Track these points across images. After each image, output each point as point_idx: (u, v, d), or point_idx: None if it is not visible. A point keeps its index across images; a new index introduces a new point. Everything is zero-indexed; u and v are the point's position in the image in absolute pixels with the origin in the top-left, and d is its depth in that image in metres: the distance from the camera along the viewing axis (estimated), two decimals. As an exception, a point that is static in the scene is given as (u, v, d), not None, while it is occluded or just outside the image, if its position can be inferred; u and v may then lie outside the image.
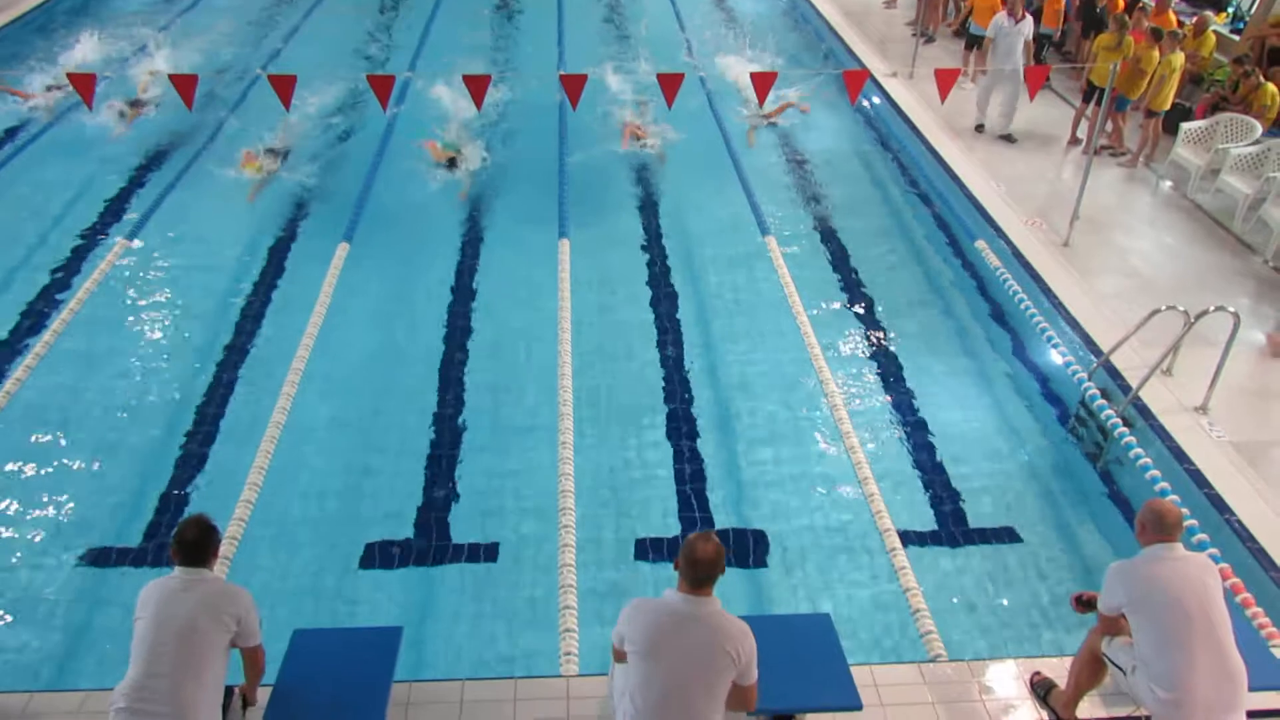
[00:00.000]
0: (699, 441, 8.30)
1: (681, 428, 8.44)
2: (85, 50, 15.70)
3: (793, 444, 8.33)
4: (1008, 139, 13.61)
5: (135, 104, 13.99)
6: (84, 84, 9.66)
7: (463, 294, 10.23)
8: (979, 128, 13.88)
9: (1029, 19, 13.55)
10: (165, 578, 4.57)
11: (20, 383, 8.12)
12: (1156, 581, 4.57)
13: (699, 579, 4.28)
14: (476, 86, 9.84)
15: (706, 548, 4.29)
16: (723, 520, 7.51)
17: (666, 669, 4.22)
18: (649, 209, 12.17)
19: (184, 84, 9.60)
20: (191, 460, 7.93)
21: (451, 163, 12.65)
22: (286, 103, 9.61)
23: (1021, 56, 13.42)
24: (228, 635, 4.51)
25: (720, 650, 4.23)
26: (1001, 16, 13.51)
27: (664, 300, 10.26)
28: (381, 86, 9.97)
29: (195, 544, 4.56)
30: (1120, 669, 4.82)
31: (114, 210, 11.61)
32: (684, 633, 4.24)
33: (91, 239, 10.93)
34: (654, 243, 11.43)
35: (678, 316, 9.99)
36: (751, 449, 8.26)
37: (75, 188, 12.02)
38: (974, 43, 15.55)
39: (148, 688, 4.32)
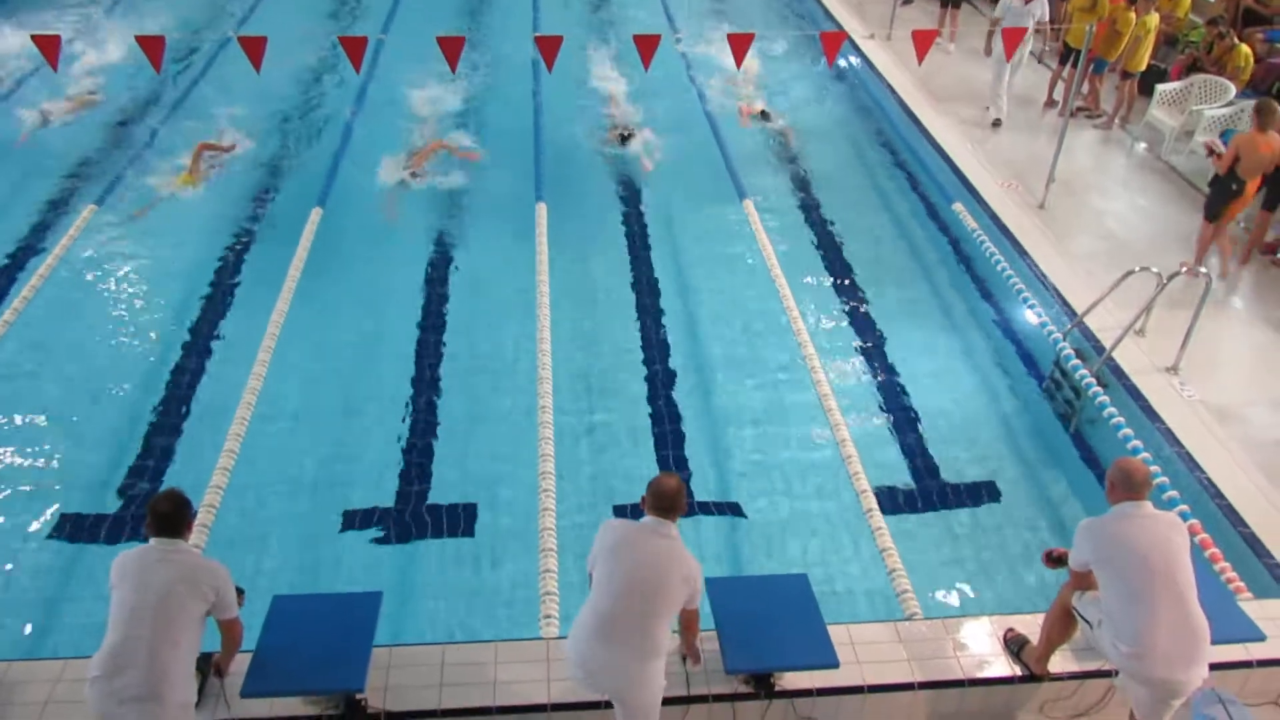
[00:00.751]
0: (676, 405, 8.32)
1: (659, 392, 8.46)
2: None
3: (769, 405, 8.38)
4: (995, 124, 12.99)
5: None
6: (49, 46, 9.47)
7: (439, 272, 10.18)
8: (996, 123, 12.91)
9: (1041, 1, 12.60)
10: (141, 548, 4.56)
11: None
12: (1123, 538, 4.65)
13: (664, 507, 4.68)
14: (450, 49, 9.72)
15: (669, 481, 4.74)
16: (700, 480, 7.56)
17: (628, 567, 4.57)
18: (625, 173, 12.10)
19: (151, 46, 9.42)
20: (167, 428, 7.87)
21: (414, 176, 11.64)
22: (258, 65, 9.45)
23: (1030, 41, 12.51)
24: (205, 606, 4.51)
25: (677, 569, 4.61)
26: (1008, 1, 12.68)
27: (641, 262, 10.23)
28: (354, 49, 9.85)
29: (169, 516, 4.55)
30: (1088, 623, 4.91)
31: (85, 176, 11.45)
32: (648, 543, 4.63)
33: (61, 207, 10.78)
34: (632, 206, 11.38)
35: (655, 278, 9.98)
36: (729, 411, 8.31)
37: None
38: (949, 1, 15.49)
39: (124, 656, 4.32)
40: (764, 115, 13.42)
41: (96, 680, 4.34)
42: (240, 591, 4.82)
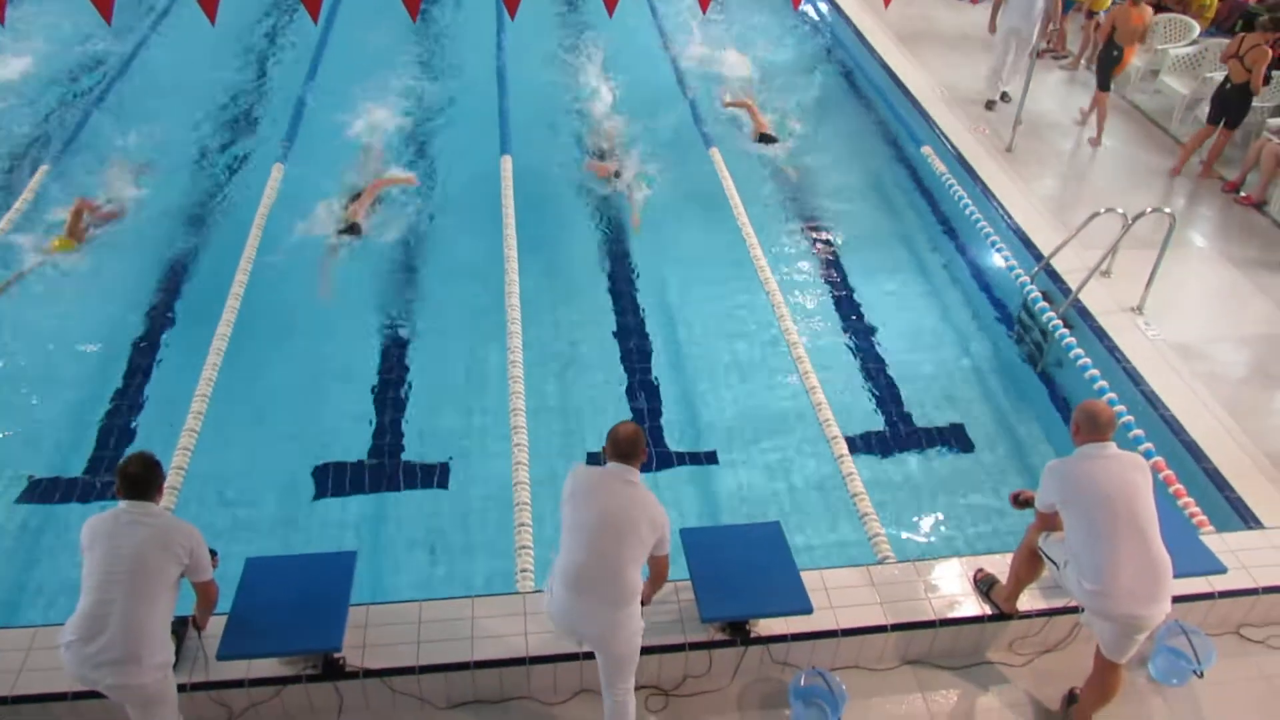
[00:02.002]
0: (647, 354, 8.32)
1: (630, 341, 8.45)
2: None
3: (737, 351, 8.40)
4: (1002, 97, 11.96)
5: None
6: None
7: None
8: (989, 104, 11.90)
9: None
10: (111, 511, 4.49)
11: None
12: (1088, 479, 4.71)
13: (624, 453, 4.69)
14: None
15: (625, 427, 4.75)
16: (673, 431, 7.60)
17: (595, 514, 4.58)
18: (591, 121, 11.97)
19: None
20: (133, 390, 7.78)
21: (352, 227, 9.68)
22: (212, 16, 9.16)
23: (1038, 17, 11.13)
24: (179, 568, 4.47)
25: (643, 513, 4.61)
26: None
27: (608, 211, 10.16)
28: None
29: (139, 478, 4.49)
30: (1054, 563, 4.99)
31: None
32: (613, 489, 4.64)
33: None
34: (596, 156, 11.27)
35: (621, 223, 9.91)
36: (698, 359, 8.32)
37: None
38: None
39: (98, 618, 4.30)
40: (765, 139, 11.61)
41: (71, 644, 4.32)
42: (213, 553, 4.78)
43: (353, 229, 9.59)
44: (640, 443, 4.72)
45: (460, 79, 12.79)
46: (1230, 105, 10.26)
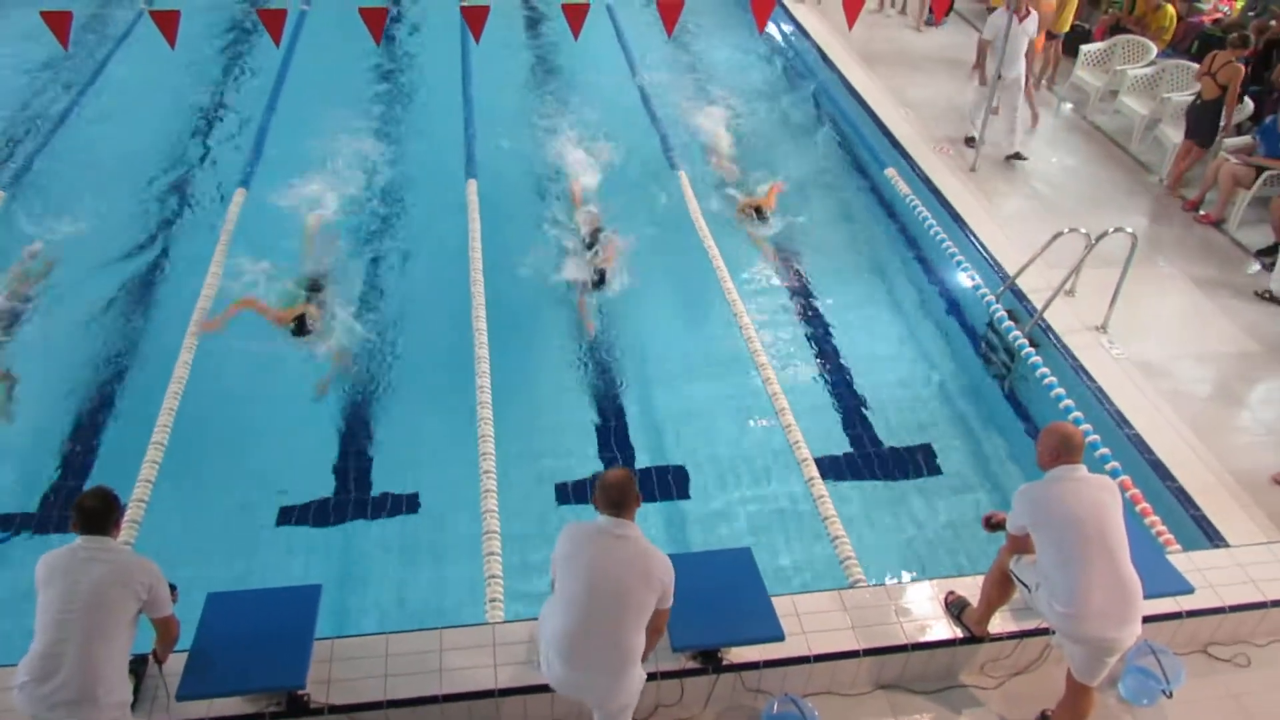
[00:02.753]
0: (619, 384, 8.28)
1: (597, 367, 8.41)
2: None
3: (706, 376, 8.37)
4: (1016, 157, 11.22)
5: None
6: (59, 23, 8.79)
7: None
8: (969, 140, 11.42)
9: (1034, 15, 11.01)
10: (68, 547, 4.39)
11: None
12: (1058, 502, 4.73)
13: (614, 501, 4.45)
14: (373, 20, 9.45)
15: (615, 473, 4.54)
16: (643, 458, 7.54)
17: (588, 580, 4.36)
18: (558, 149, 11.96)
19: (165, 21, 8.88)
20: (92, 423, 7.63)
21: (300, 324, 8.48)
22: (172, 40, 9.09)
23: (1023, 62, 10.92)
24: (137, 605, 4.37)
25: (639, 571, 4.38)
26: (1000, 15, 10.74)
27: (578, 248, 10.13)
28: (273, 21, 9.53)
29: (96, 512, 4.39)
30: (1025, 586, 4.99)
31: None
32: (612, 549, 4.39)
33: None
34: (562, 173, 11.24)
35: (587, 259, 9.88)
36: (666, 384, 8.29)
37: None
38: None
39: (54, 657, 4.19)
40: (759, 212, 10.54)
41: (25, 685, 4.20)
42: (173, 588, 4.68)
43: (300, 325, 8.44)
44: (632, 488, 4.50)
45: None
46: (1201, 122, 10.52)
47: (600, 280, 9.22)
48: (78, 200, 10.11)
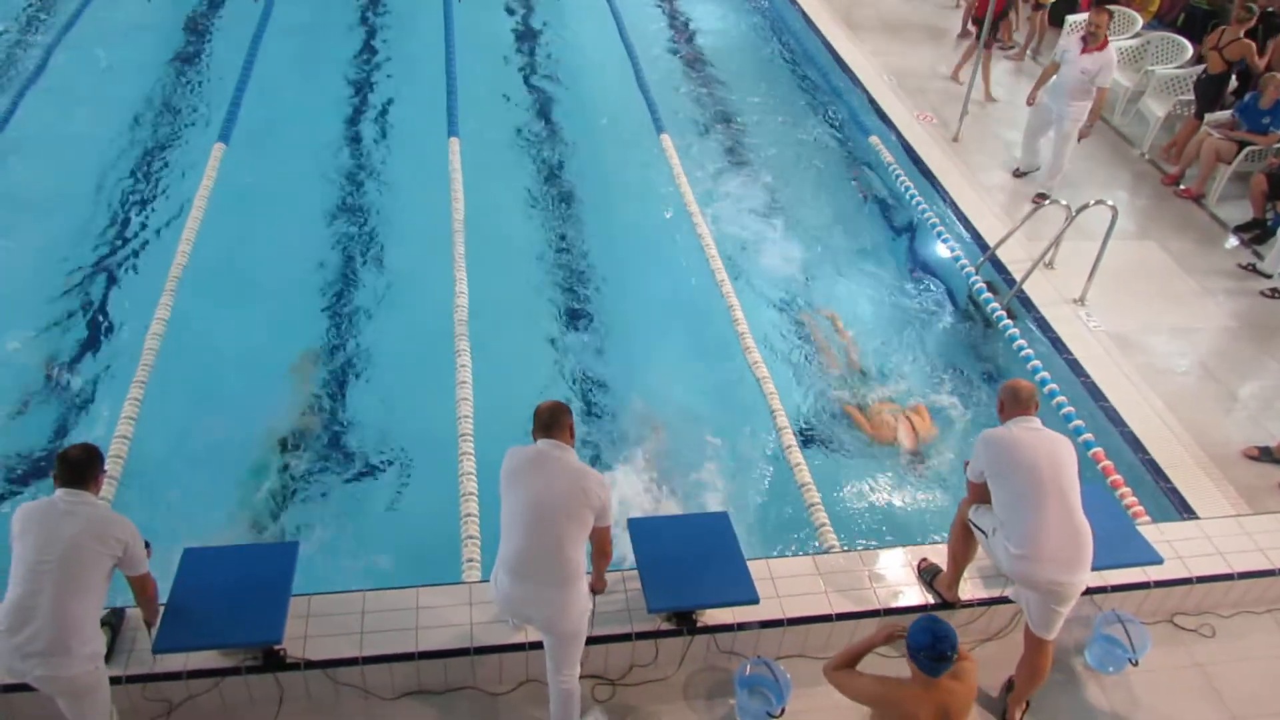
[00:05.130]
0: (598, 343, 8.27)
1: (579, 326, 8.40)
2: None
3: (685, 337, 8.37)
4: (1041, 196, 9.93)
5: None
6: None
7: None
8: (1017, 172, 10.52)
9: (1104, 54, 9.27)
10: (46, 500, 4.39)
11: None
12: (1014, 448, 4.86)
13: (545, 424, 4.67)
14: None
15: (546, 402, 4.77)
16: (625, 424, 7.52)
17: (529, 494, 4.51)
18: (542, 111, 11.85)
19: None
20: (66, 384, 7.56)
21: None
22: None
23: (1075, 101, 9.46)
24: (112, 560, 4.37)
25: (576, 482, 4.54)
26: (1067, 40, 9.95)
27: (558, 199, 10.06)
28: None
29: (79, 464, 4.39)
30: (982, 531, 5.09)
31: None
32: (545, 464, 4.59)
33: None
34: (548, 143, 11.14)
35: (573, 214, 9.82)
36: (647, 343, 8.28)
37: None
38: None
39: (28, 610, 4.18)
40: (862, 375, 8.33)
41: (1, 634, 4.20)
42: (147, 545, 4.66)
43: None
44: (561, 414, 4.69)
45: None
46: (1207, 96, 10.63)
47: None
48: (49, 154, 9.94)
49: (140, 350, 7.32)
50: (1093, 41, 9.25)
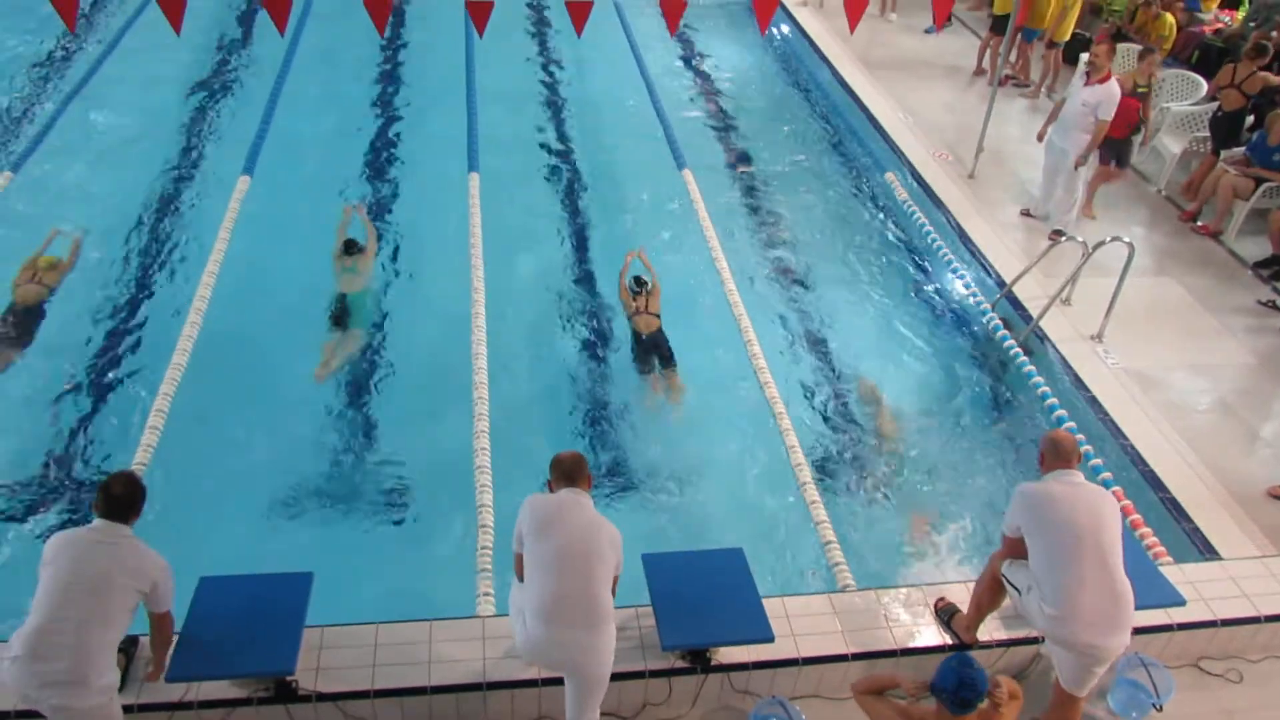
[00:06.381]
0: (613, 380, 8.26)
1: (598, 366, 8.40)
2: None
3: (704, 377, 8.34)
4: (1058, 233, 9.59)
5: None
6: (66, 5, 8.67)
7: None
8: (1025, 212, 10.41)
9: (1106, 87, 9.21)
10: (81, 530, 4.43)
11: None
12: (1053, 502, 4.75)
13: (567, 474, 4.79)
14: (378, 11, 9.42)
15: (565, 453, 4.89)
16: (640, 460, 7.50)
17: (561, 541, 4.57)
18: (563, 147, 11.94)
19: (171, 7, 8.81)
20: (89, 407, 7.61)
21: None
22: (177, 26, 9.06)
23: (1079, 134, 9.40)
24: (139, 595, 4.38)
25: (604, 534, 4.65)
26: (1078, 77, 10.17)
27: (579, 234, 10.11)
28: (278, 9, 9.49)
29: (122, 500, 4.44)
30: (1016, 589, 5.00)
31: None
32: (572, 513, 4.66)
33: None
34: (571, 187, 11.21)
35: (588, 253, 9.86)
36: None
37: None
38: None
39: (50, 638, 4.18)
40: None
41: (18, 660, 4.18)
42: None
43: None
44: (583, 464, 4.83)
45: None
46: (1220, 132, 10.65)
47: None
48: (78, 184, 10.06)
49: (160, 380, 7.39)
50: (1095, 73, 9.31)
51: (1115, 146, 9.94)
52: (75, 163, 10.57)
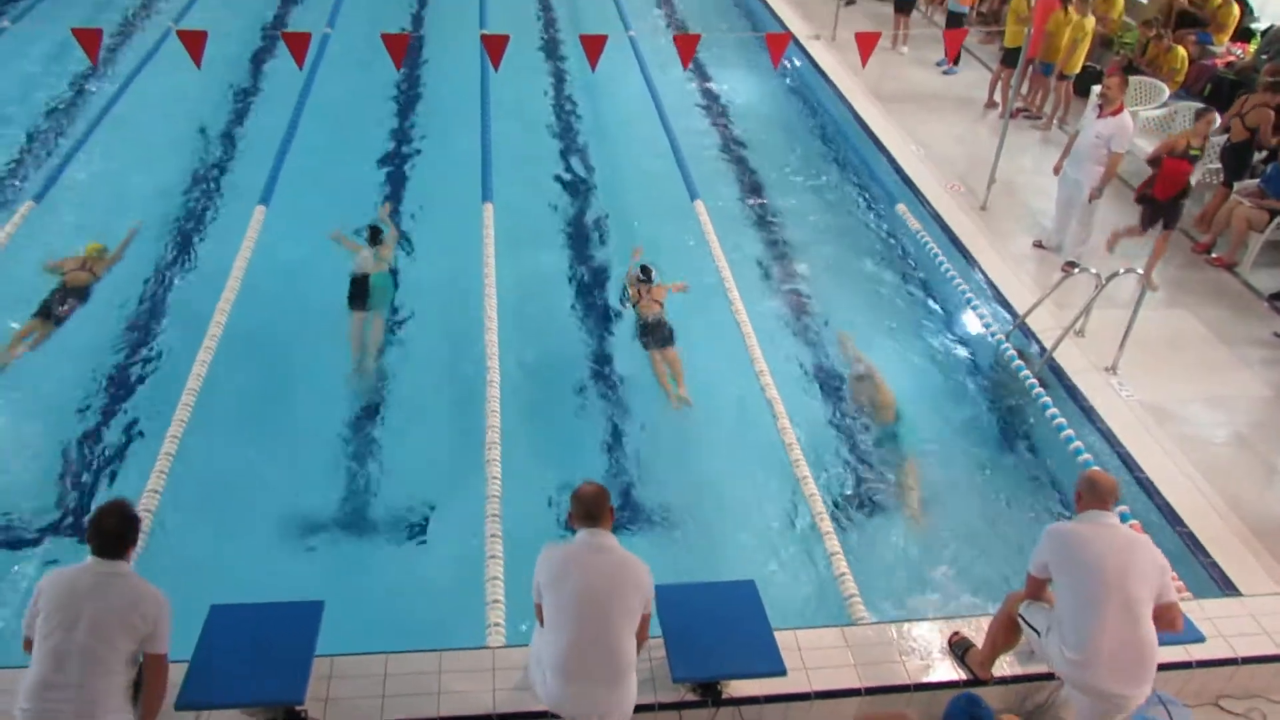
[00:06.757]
0: (625, 410, 8.26)
1: (609, 397, 8.40)
2: None
3: (716, 407, 8.34)
4: (1070, 265, 9.60)
5: None
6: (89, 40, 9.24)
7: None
8: (1038, 243, 10.42)
9: (1118, 120, 9.32)
10: (77, 568, 4.29)
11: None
12: (1082, 543, 4.68)
13: (589, 513, 4.61)
14: (395, 46, 9.57)
15: (588, 487, 4.70)
16: (652, 491, 7.48)
17: (578, 593, 4.46)
18: (576, 177, 12.02)
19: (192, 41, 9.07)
20: (103, 431, 7.66)
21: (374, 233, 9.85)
22: (198, 60, 9.23)
23: (1093, 166, 9.50)
24: (138, 639, 4.26)
25: (627, 579, 4.53)
26: (1091, 110, 10.14)
27: (591, 267, 10.15)
28: (297, 44, 9.66)
29: (114, 535, 4.28)
30: (1035, 630, 4.93)
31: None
32: (595, 562, 4.54)
33: None
34: (583, 218, 11.28)
35: (604, 290, 9.89)
36: (678, 417, 8.24)
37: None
38: (901, 6, 15.65)
39: (54, 687, 4.11)
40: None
41: (26, 712, 4.13)
42: None
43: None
44: (605, 501, 4.66)
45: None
46: (1228, 164, 10.60)
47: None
48: (98, 217, 10.19)
49: (176, 404, 7.40)
50: (1107, 106, 9.37)
51: (1163, 210, 9.31)
52: (96, 193, 10.69)
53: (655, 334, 8.92)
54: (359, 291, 9.12)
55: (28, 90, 13.01)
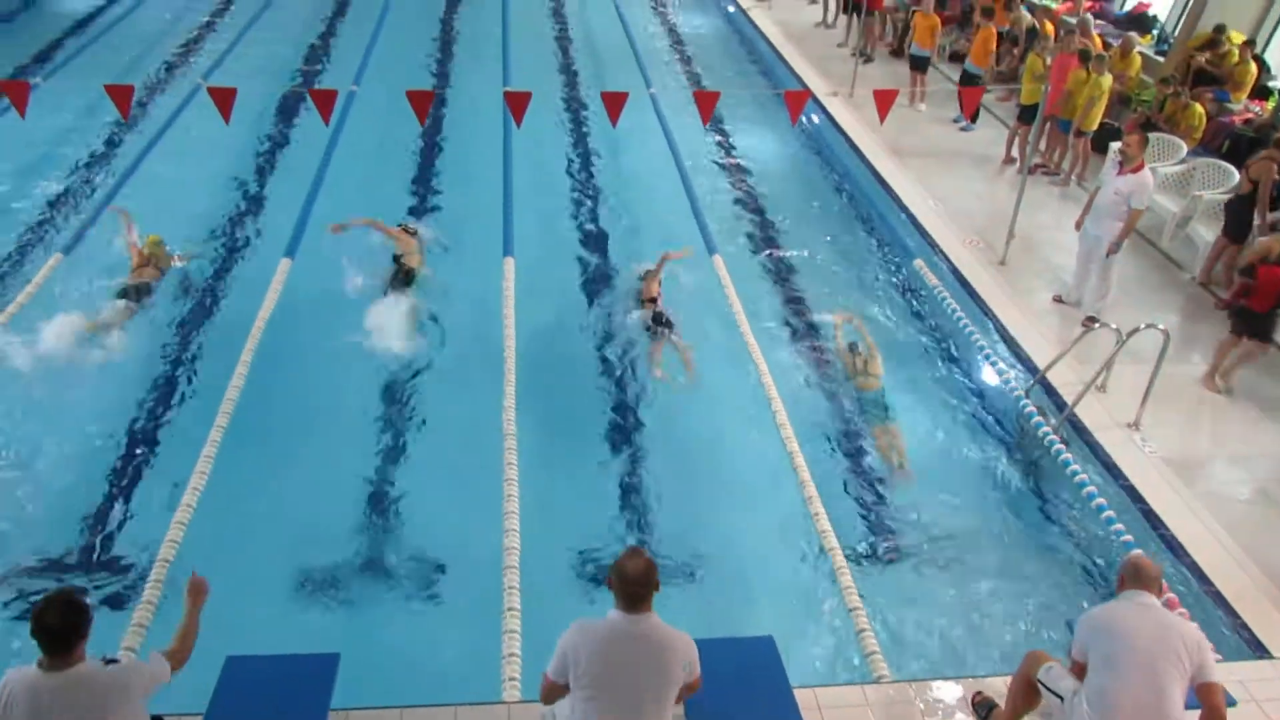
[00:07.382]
0: (643, 464, 8.25)
1: (626, 450, 8.39)
2: None
3: (737, 464, 8.31)
4: (1091, 320, 9.16)
5: None
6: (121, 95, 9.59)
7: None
8: (1057, 298, 10.41)
9: (1139, 177, 9.34)
10: (30, 675, 3.91)
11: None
12: (1117, 619, 4.69)
13: (633, 595, 4.34)
14: (420, 103, 9.74)
15: (636, 563, 4.35)
16: (669, 543, 7.43)
17: (620, 677, 4.28)
18: (596, 230, 12.15)
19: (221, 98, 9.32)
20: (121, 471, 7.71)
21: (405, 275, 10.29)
22: (227, 116, 9.42)
23: (1112, 222, 9.52)
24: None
25: (672, 665, 4.34)
26: (1110, 166, 10.15)
27: (614, 327, 10.19)
28: (324, 101, 9.85)
29: (59, 632, 3.86)
30: (1058, 696, 4.86)
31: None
32: (633, 654, 4.31)
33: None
34: (601, 272, 11.39)
35: (622, 344, 9.93)
36: (697, 470, 8.23)
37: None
38: (917, 65, 15.84)
39: None
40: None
41: None
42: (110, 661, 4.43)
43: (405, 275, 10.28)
44: (653, 577, 4.35)
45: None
46: (1230, 218, 10.61)
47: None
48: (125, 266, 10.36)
49: (197, 456, 7.48)
50: (1127, 163, 9.42)
51: (1262, 323, 8.79)
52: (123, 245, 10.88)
53: (660, 321, 9.77)
54: (400, 273, 10.26)
55: (57, 144, 13.29)
